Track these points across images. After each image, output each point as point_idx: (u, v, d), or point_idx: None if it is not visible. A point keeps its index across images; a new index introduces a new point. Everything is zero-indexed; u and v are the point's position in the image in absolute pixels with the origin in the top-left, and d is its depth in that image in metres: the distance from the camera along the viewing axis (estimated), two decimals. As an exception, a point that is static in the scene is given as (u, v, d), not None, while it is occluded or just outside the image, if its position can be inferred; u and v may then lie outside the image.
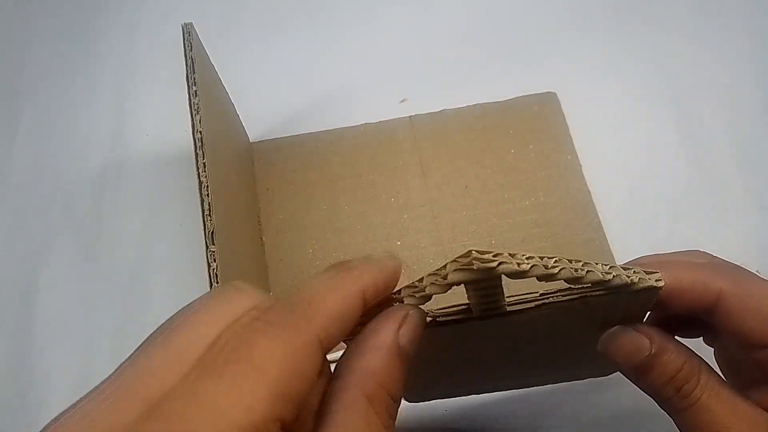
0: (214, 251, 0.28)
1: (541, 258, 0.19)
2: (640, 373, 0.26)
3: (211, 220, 0.29)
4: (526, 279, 0.19)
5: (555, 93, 0.51)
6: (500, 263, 0.18)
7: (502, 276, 0.19)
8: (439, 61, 0.54)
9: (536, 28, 0.55)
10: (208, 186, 0.29)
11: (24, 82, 0.55)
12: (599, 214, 0.46)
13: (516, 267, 0.19)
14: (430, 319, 0.22)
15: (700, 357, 0.26)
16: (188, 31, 0.33)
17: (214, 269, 0.28)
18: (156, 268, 0.47)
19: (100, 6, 0.58)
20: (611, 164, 0.49)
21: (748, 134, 0.50)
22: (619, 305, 0.23)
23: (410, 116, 0.51)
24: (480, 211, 0.47)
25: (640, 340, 0.25)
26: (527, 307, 0.22)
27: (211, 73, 0.38)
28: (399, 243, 0.46)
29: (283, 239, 0.46)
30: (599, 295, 0.21)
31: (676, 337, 0.27)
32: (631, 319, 0.26)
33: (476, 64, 0.54)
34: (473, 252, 0.18)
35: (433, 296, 0.21)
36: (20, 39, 0.57)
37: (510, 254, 0.19)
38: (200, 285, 0.46)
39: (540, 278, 0.19)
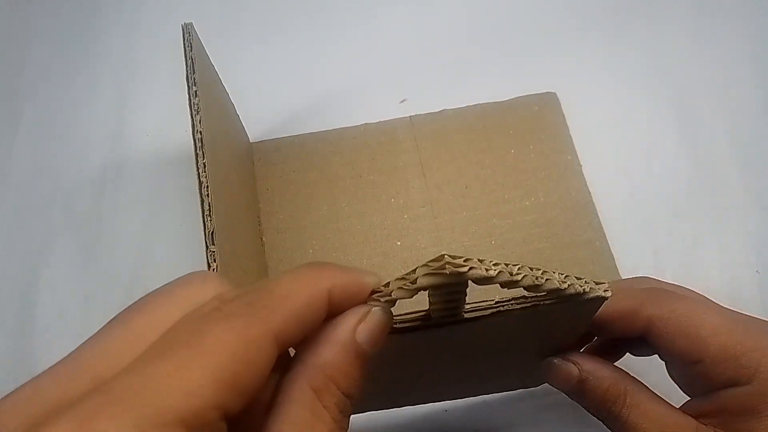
0: (214, 251, 0.28)
1: (507, 265, 0.20)
2: (576, 397, 0.29)
3: (211, 220, 0.29)
4: (484, 287, 0.20)
5: (555, 93, 0.51)
6: (470, 268, 0.19)
7: (468, 283, 0.20)
8: (439, 61, 0.54)
9: (536, 28, 0.55)
10: (208, 186, 0.29)
11: (24, 82, 0.55)
12: (599, 214, 0.47)
13: (484, 273, 0.19)
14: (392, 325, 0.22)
15: (633, 378, 0.28)
16: (188, 31, 0.33)
17: (214, 269, 0.28)
18: (156, 268, 0.47)
19: (100, 6, 0.58)
20: (611, 164, 0.49)
21: (748, 134, 0.50)
22: (566, 314, 0.24)
23: (410, 116, 0.51)
24: (480, 212, 0.47)
25: (568, 368, 0.28)
26: (483, 314, 0.22)
27: (211, 73, 0.38)
28: (399, 243, 0.46)
29: (283, 239, 0.46)
30: (550, 303, 0.22)
31: (628, 353, 0.30)
32: (573, 332, 0.28)
33: (476, 64, 0.54)
34: (446, 256, 0.18)
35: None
36: (20, 39, 0.57)
37: (479, 260, 0.19)
38: (200, 285, 0.46)
39: (503, 285, 0.20)
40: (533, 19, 0.55)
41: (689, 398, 0.29)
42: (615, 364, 0.30)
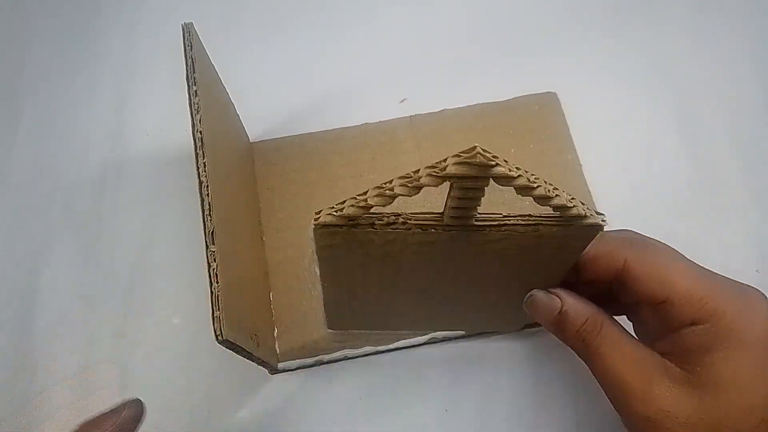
0: (214, 251, 0.28)
1: (527, 171, 0.22)
2: (555, 329, 0.31)
3: (211, 219, 0.29)
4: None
5: (555, 93, 0.51)
6: (497, 164, 0.21)
7: (489, 181, 0.22)
8: (439, 61, 0.54)
9: (536, 27, 0.55)
10: (208, 186, 0.29)
11: (24, 82, 0.55)
12: (599, 214, 0.46)
13: (507, 171, 0.21)
14: (402, 220, 0.24)
15: (608, 315, 0.31)
16: (188, 31, 0.33)
17: (214, 269, 0.28)
18: (156, 268, 0.47)
19: (100, 6, 0.58)
20: (611, 164, 0.49)
21: (748, 134, 0.50)
22: (561, 242, 0.26)
23: (410, 116, 0.51)
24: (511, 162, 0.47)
25: (552, 301, 0.31)
26: (491, 224, 0.24)
27: (211, 73, 0.38)
28: (399, 243, 0.46)
29: (283, 239, 0.46)
30: (551, 224, 0.24)
31: None
32: (563, 267, 0.30)
33: (476, 64, 0.54)
34: (478, 147, 0.21)
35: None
36: (20, 39, 0.57)
37: (505, 160, 0.21)
38: (200, 285, 0.45)
39: (519, 190, 0.22)
40: (533, 19, 0.55)
41: None
42: None
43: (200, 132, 0.30)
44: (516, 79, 0.52)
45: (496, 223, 0.24)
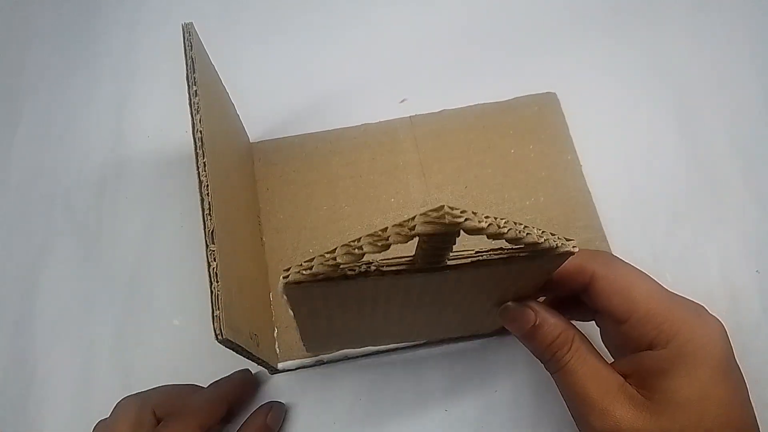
0: (214, 250, 0.28)
1: (495, 218, 0.22)
2: (527, 339, 0.32)
3: (211, 219, 0.29)
4: (462, 240, 0.22)
5: (555, 93, 0.51)
6: (466, 219, 0.21)
7: (460, 233, 0.22)
8: (439, 61, 0.54)
9: (536, 27, 0.55)
10: (208, 185, 0.29)
11: (24, 81, 0.55)
12: (599, 214, 0.47)
13: (477, 224, 0.21)
14: (374, 268, 0.24)
15: (577, 330, 0.32)
16: (188, 31, 0.33)
17: (214, 268, 0.28)
18: (156, 268, 0.47)
19: (100, 6, 0.58)
20: (611, 164, 0.49)
21: (748, 134, 0.50)
22: (535, 266, 0.27)
23: (410, 116, 0.51)
24: (480, 212, 0.47)
25: (526, 314, 0.32)
26: (464, 263, 0.25)
27: (211, 73, 0.38)
28: (399, 243, 0.46)
29: (283, 239, 0.46)
30: (525, 256, 0.25)
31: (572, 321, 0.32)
32: (533, 285, 0.31)
33: (476, 64, 0.54)
34: (446, 207, 0.20)
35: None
36: (20, 39, 0.57)
37: (473, 212, 0.21)
38: (200, 285, 0.45)
39: (490, 236, 0.22)
40: (533, 19, 0.55)
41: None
42: None
43: (200, 132, 0.30)
44: (516, 79, 0.52)
45: (468, 261, 0.25)
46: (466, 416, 0.42)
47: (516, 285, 0.30)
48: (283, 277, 0.23)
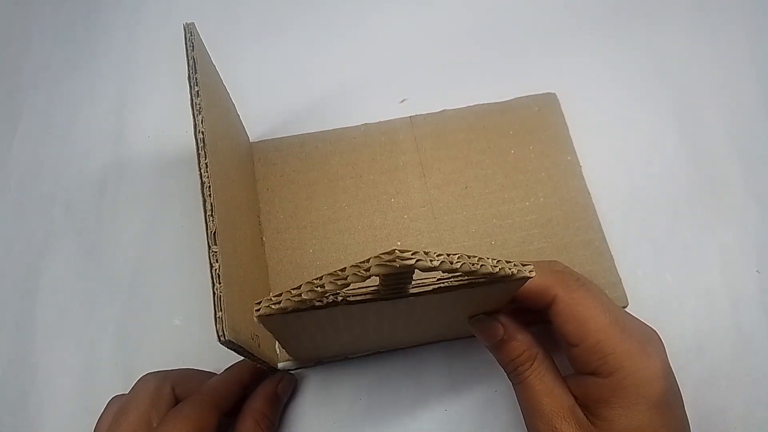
0: (216, 252, 0.28)
1: (448, 255, 0.23)
2: (494, 351, 0.35)
3: (213, 220, 0.29)
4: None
5: (555, 93, 0.51)
6: (417, 260, 0.22)
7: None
8: (439, 61, 0.54)
9: (536, 27, 0.55)
10: (210, 186, 0.29)
11: (24, 81, 0.55)
12: (599, 215, 0.47)
13: (429, 264, 0.22)
14: (341, 298, 0.26)
15: (541, 348, 0.34)
16: (190, 31, 0.33)
17: (216, 270, 0.28)
18: (157, 269, 0.47)
19: (100, 5, 0.58)
20: (611, 164, 0.49)
21: (748, 134, 0.50)
22: (496, 289, 0.28)
23: (410, 116, 0.51)
24: (480, 212, 0.47)
25: (495, 328, 0.34)
26: (426, 290, 0.26)
27: (212, 73, 0.38)
28: (399, 243, 0.46)
29: (283, 239, 0.46)
30: (483, 282, 0.26)
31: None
32: (499, 302, 0.33)
33: (476, 64, 0.54)
34: (396, 251, 0.22)
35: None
36: (20, 38, 0.57)
37: (425, 252, 0.22)
38: (201, 285, 0.46)
39: (445, 272, 0.23)
40: (533, 19, 0.55)
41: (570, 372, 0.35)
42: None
43: (202, 133, 0.29)
44: (516, 80, 0.52)
45: (431, 288, 0.26)
46: (466, 416, 0.42)
47: (482, 303, 0.32)
48: (255, 311, 0.25)
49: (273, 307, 0.25)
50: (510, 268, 0.25)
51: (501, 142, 0.49)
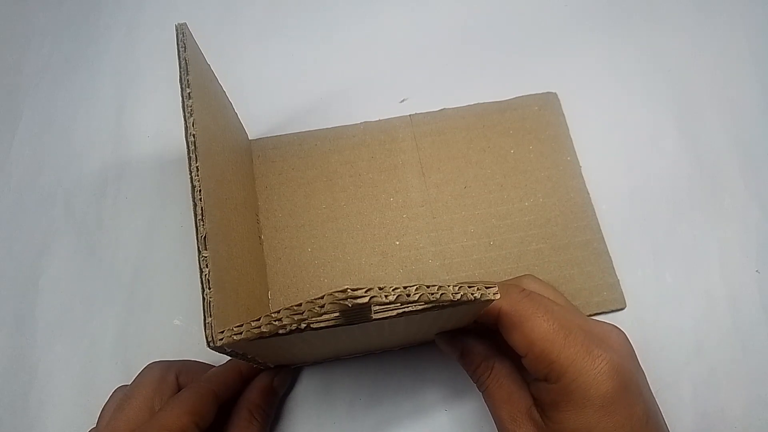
0: (206, 256, 0.28)
1: (405, 288, 0.23)
2: (459, 362, 0.39)
3: (203, 225, 0.29)
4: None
5: (555, 93, 0.51)
6: (371, 297, 0.22)
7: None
8: (439, 61, 0.54)
9: (536, 27, 0.55)
10: (201, 190, 0.29)
11: (24, 81, 0.55)
12: (599, 215, 0.46)
13: (384, 299, 0.22)
14: (305, 325, 0.25)
15: (501, 356, 0.37)
16: (182, 32, 0.33)
17: (206, 275, 0.28)
18: (157, 269, 0.47)
19: (99, 5, 0.58)
20: (611, 164, 0.49)
21: (748, 134, 0.50)
22: (460, 310, 0.29)
23: (410, 115, 0.50)
24: (479, 212, 0.47)
25: (455, 344, 0.38)
26: (390, 315, 0.26)
27: (206, 74, 0.38)
28: (398, 243, 0.46)
29: (282, 238, 0.46)
30: (446, 305, 0.26)
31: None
32: (468, 320, 0.35)
33: (476, 64, 0.54)
34: (348, 290, 0.21)
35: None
36: (20, 38, 0.57)
37: (379, 288, 0.22)
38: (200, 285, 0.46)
39: (404, 304, 0.24)
40: (533, 19, 0.55)
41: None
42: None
43: (193, 135, 0.29)
44: (516, 79, 0.52)
45: (395, 313, 0.26)
46: (466, 416, 0.42)
47: (448, 322, 0.34)
48: (219, 339, 0.26)
49: (234, 337, 0.25)
50: (473, 293, 0.25)
51: (501, 141, 0.49)
